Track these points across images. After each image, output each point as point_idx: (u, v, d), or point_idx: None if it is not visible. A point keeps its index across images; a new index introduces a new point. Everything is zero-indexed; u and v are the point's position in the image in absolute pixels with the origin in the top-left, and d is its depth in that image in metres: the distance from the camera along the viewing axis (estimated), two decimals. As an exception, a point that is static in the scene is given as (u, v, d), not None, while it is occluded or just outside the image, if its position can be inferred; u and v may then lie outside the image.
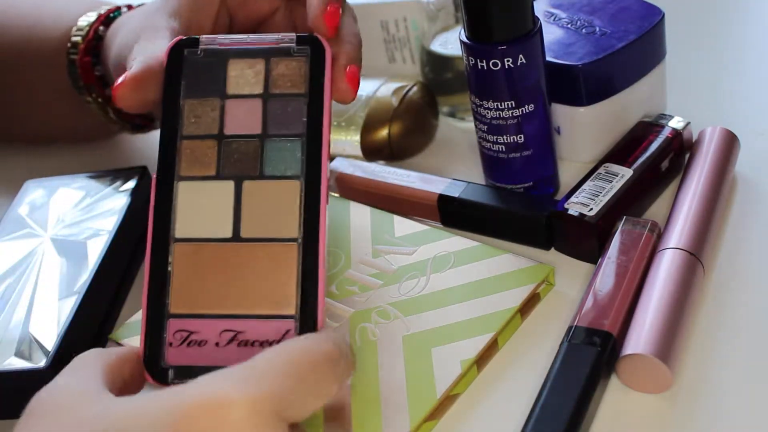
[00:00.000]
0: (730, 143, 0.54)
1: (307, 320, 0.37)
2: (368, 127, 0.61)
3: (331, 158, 0.61)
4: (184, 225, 0.39)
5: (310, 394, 0.33)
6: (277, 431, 0.31)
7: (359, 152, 0.61)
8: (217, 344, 0.37)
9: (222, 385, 0.31)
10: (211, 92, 0.40)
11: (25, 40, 0.63)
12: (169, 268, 0.38)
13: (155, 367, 0.37)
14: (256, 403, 0.30)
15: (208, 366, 0.36)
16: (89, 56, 0.60)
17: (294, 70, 0.40)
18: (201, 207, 0.39)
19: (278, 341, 0.37)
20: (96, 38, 0.60)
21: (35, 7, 0.65)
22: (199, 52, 0.41)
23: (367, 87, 0.63)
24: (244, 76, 0.40)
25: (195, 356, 0.38)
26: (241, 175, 0.39)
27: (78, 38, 0.61)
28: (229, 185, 0.39)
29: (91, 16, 0.61)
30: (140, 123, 0.64)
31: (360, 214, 0.56)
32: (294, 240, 0.38)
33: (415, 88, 0.63)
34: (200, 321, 0.38)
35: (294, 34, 0.41)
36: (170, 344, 0.38)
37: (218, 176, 0.39)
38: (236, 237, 0.38)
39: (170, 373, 0.37)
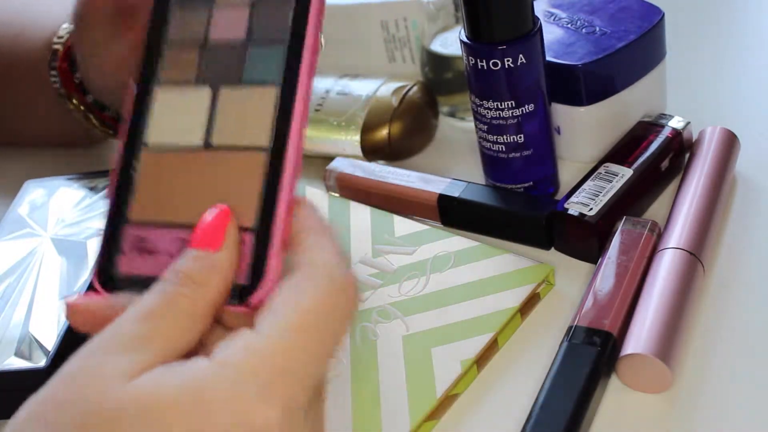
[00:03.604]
0: (730, 143, 0.54)
1: (264, 235, 0.35)
2: (368, 127, 0.61)
3: (331, 158, 0.62)
4: (155, 131, 0.37)
5: (325, 356, 0.30)
6: (293, 419, 0.29)
7: (359, 152, 0.61)
8: (170, 256, 0.35)
9: (248, 386, 0.28)
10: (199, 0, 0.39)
11: (10, 48, 0.64)
12: (135, 176, 0.37)
13: (105, 276, 0.36)
14: (285, 409, 0.28)
15: (154, 276, 0.35)
16: (67, 63, 0.61)
17: None
18: (176, 113, 0.38)
19: None
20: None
21: (19, 14, 0.65)
22: None
23: (367, 87, 0.63)
24: None
25: (146, 265, 0.36)
26: (219, 81, 0.37)
27: (58, 46, 0.61)
28: (206, 91, 0.37)
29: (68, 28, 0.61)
30: None
31: (360, 214, 0.56)
32: (263, 149, 0.36)
33: (415, 88, 0.63)
34: (157, 230, 0.36)
35: None
36: (123, 252, 0.36)
37: (197, 82, 0.38)
38: (207, 145, 0.37)
39: (118, 282, 0.36)
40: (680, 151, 0.55)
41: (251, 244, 0.34)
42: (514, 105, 0.52)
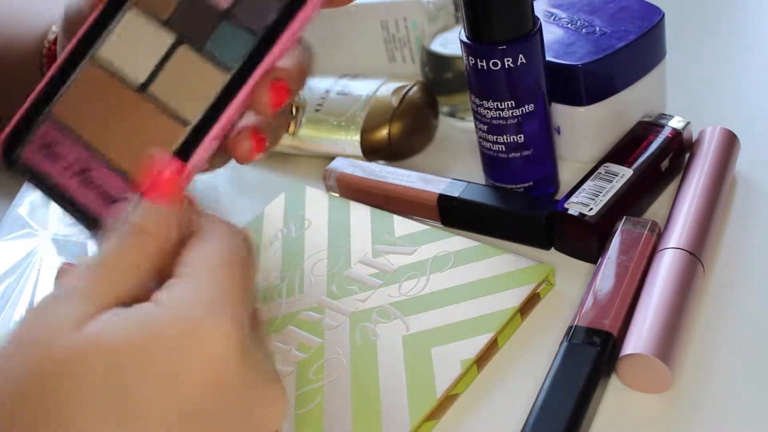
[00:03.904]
0: (730, 143, 0.54)
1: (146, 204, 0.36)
2: (368, 127, 0.61)
3: (331, 158, 0.62)
4: (108, 50, 0.38)
5: (249, 288, 0.33)
6: (248, 344, 0.31)
7: (359, 152, 0.62)
8: (66, 167, 0.37)
9: (194, 311, 0.30)
10: None
11: (1, 48, 0.64)
12: (72, 77, 0.38)
13: (10, 153, 0.38)
14: (229, 326, 0.30)
15: (51, 182, 0.37)
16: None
17: None
18: (132, 42, 0.38)
19: (112, 202, 0.36)
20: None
21: (11, 14, 0.65)
22: None
23: (367, 87, 0.63)
24: None
25: (44, 165, 0.37)
26: (184, 37, 0.37)
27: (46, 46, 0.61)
28: (168, 39, 0.37)
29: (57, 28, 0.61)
30: None
31: (360, 214, 0.56)
32: (186, 123, 0.36)
33: (415, 88, 0.63)
34: (68, 139, 0.37)
35: None
36: (33, 141, 0.38)
37: (165, 24, 0.38)
38: (142, 88, 0.37)
39: (17, 165, 0.38)
40: (680, 151, 0.55)
41: (135, 202, 0.35)
42: (514, 105, 0.52)
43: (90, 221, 0.37)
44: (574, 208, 0.51)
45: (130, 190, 0.36)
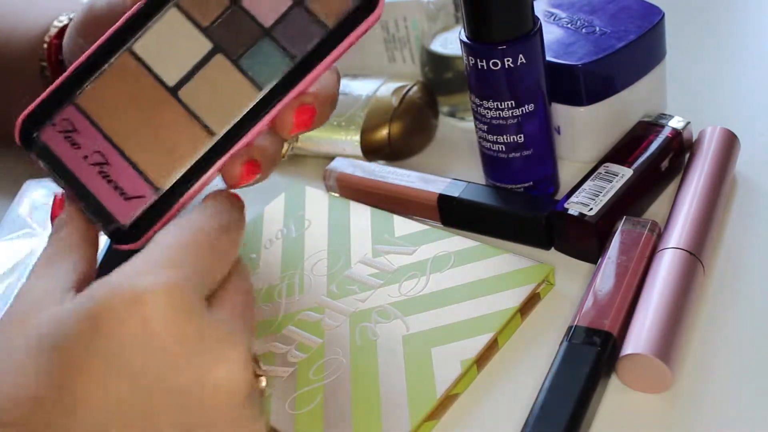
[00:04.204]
0: (730, 143, 0.54)
1: (164, 202, 0.37)
2: (368, 127, 0.61)
3: (331, 158, 0.62)
4: (145, 43, 0.38)
5: (216, 261, 0.34)
6: (195, 307, 0.32)
7: (359, 152, 0.62)
8: (85, 157, 0.37)
9: (137, 278, 0.32)
10: None
11: (3, 44, 0.64)
12: (105, 66, 0.38)
13: (28, 133, 0.38)
14: (173, 288, 0.31)
15: (64, 166, 0.37)
16: (57, 59, 0.61)
17: (338, 2, 0.37)
18: (170, 43, 0.38)
19: (130, 198, 0.37)
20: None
21: (12, 10, 0.65)
22: None
23: (367, 87, 0.63)
24: None
25: (62, 151, 0.38)
26: (222, 46, 0.37)
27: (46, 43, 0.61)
28: (205, 45, 0.37)
29: (63, 20, 0.61)
30: None
31: (360, 214, 0.56)
32: (212, 133, 0.37)
33: (415, 88, 0.63)
34: (91, 128, 0.37)
35: None
36: (53, 124, 0.38)
37: (205, 31, 0.38)
38: (174, 90, 0.37)
39: (35, 146, 0.38)
40: (680, 151, 0.55)
41: (149, 202, 0.36)
42: (514, 105, 0.52)
43: (99, 213, 0.37)
44: (574, 208, 0.51)
45: (145, 188, 0.37)
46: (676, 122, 0.55)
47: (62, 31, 0.60)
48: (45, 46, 0.61)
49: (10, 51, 0.63)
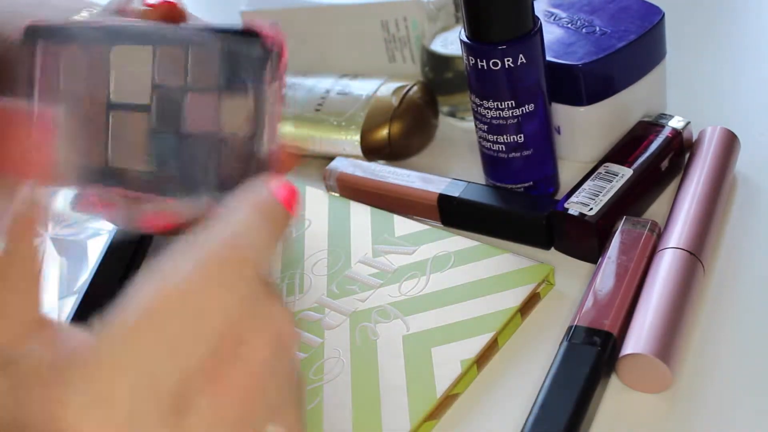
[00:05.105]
0: (730, 143, 0.54)
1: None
2: (368, 127, 0.61)
3: (331, 158, 0.62)
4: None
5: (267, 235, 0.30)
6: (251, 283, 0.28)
7: (359, 152, 0.61)
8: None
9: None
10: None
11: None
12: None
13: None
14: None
15: None
16: None
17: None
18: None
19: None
20: None
21: (30, 8, 0.65)
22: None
23: (367, 87, 0.63)
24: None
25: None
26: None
27: None
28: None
29: (84, 17, 0.61)
30: None
31: (360, 214, 0.56)
32: None
33: (415, 88, 0.63)
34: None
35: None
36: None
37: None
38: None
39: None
40: (680, 151, 0.55)
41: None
42: (514, 105, 0.52)
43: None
44: (574, 208, 0.51)
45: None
46: (676, 122, 0.55)
47: None
48: None
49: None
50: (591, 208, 0.50)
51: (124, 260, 0.57)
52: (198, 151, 0.39)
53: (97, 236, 0.55)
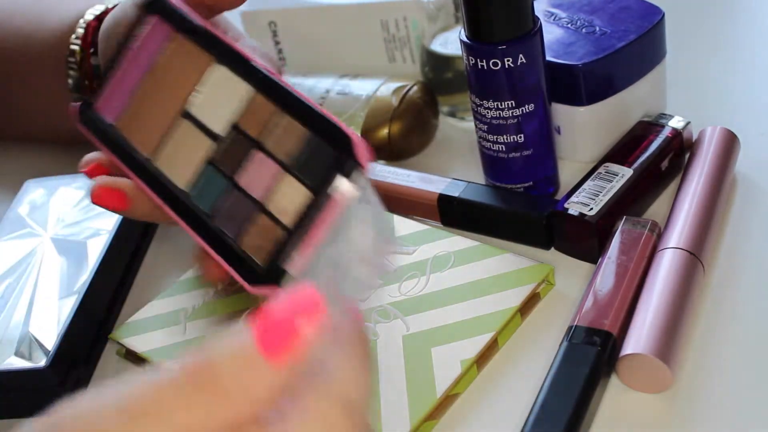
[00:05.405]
0: (730, 143, 0.54)
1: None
2: (368, 127, 0.61)
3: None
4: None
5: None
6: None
7: (359, 152, 0.61)
8: None
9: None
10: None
11: (27, 40, 0.63)
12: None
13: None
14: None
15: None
16: (89, 50, 0.60)
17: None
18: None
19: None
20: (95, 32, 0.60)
21: (39, 2, 0.65)
22: None
23: (367, 87, 0.63)
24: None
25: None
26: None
27: (77, 43, 0.60)
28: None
29: (100, 9, 0.61)
30: None
31: (360, 214, 0.56)
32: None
33: (415, 88, 0.63)
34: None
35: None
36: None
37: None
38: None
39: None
40: (680, 151, 0.55)
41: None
42: (514, 105, 0.52)
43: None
44: (574, 207, 0.51)
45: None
46: (676, 122, 0.55)
47: (102, 16, 0.60)
48: (81, 30, 0.60)
49: (34, 44, 0.63)
50: (591, 208, 0.50)
51: (124, 260, 0.57)
52: (235, 205, 0.38)
53: (97, 236, 0.55)
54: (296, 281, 0.35)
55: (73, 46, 0.60)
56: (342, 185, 0.34)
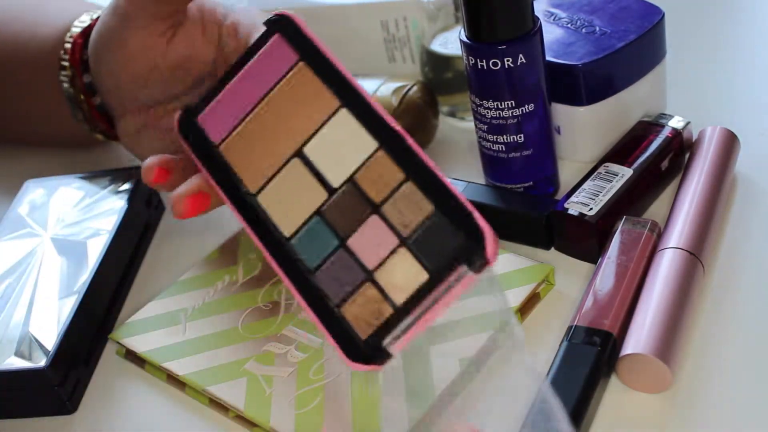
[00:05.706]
0: (730, 143, 0.54)
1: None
2: (368, 127, 0.61)
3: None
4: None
5: None
6: None
7: (359, 152, 0.61)
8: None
9: None
10: None
11: (22, 46, 0.63)
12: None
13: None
14: None
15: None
16: (79, 56, 0.59)
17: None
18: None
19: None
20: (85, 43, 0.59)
21: (33, 10, 0.65)
22: None
23: (367, 87, 0.63)
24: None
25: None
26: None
27: (68, 45, 0.59)
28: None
29: (85, 21, 0.60)
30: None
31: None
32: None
33: (415, 88, 0.63)
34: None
35: None
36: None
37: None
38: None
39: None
40: (680, 151, 0.55)
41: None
42: (514, 105, 0.52)
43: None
44: (574, 207, 0.51)
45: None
46: (676, 122, 0.55)
47: (86, 31, 0.59)
48: (68, 45, 0.59)
49: (26, 51, 0.63)
50: (591, 208, 0.50)
51: (124, 260, 0.57)
52: (342, 267, 0.35)
53: (97, 236, 0.55)
54: (394, 362, 0.34)
55: (63, 62, 0.59)
56: (517, 331, 0.33)
